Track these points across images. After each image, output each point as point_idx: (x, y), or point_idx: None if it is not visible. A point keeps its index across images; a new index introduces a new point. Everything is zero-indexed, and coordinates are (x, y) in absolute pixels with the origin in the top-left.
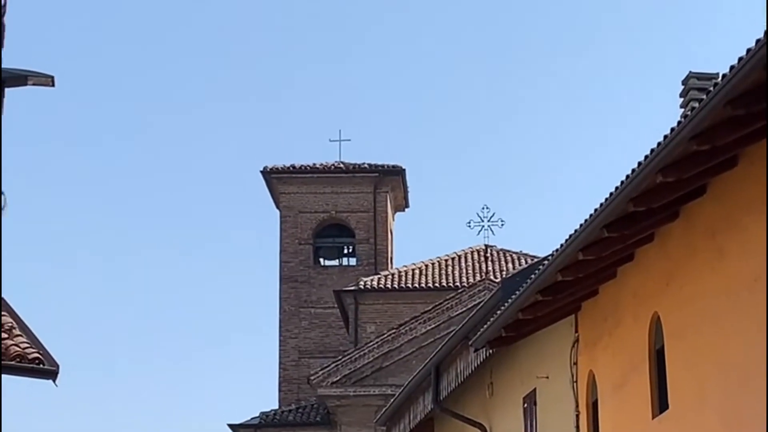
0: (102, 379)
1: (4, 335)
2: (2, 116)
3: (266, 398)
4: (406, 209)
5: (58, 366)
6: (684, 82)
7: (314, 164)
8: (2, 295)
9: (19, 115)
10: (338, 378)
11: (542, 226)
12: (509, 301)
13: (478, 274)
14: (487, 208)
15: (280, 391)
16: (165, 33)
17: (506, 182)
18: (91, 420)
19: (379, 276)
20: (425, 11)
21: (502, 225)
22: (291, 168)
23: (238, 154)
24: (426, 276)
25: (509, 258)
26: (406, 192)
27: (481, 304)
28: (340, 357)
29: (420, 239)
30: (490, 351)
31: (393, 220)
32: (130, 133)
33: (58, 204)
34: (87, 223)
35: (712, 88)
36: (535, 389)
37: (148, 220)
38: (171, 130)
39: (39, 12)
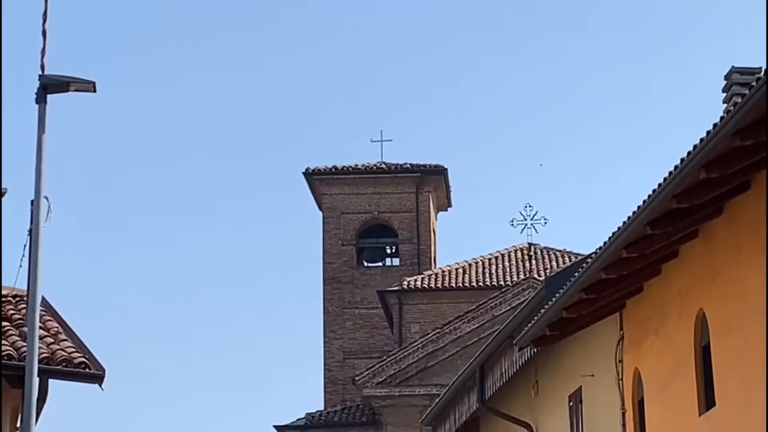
0: (148, 381)
1: (50, 340)
2: (46, 122)
3: (312, 399)
4: (449, 209)
5: (104, 370)
6: (727, 77)
7: (356, 165)
8: (49, 300)
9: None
10: (383, 378)
11: (585, 223)
12: (553, 299)
13: (521, 273)
14: (529, 206)
15: (325, 392)
16: (208, 36)
17: (549, 180)
18: (137, 421)
19: (422, 276)
20: (464, 10)
21: (545, 223)
22: (333, 169)
23: (281, 156)
24: (469, 275)
25: (553, 256)
26: (448, 191)
27: (525, 303)
28: (384, 357)
29: (463, 238)
30: (535, 350)
31: (436, 219)
32: (172, 138)
33: (103, 208)
34: (129, 226)
35: (754, 83)
36: (580, 388)
37: (192, 223)
38: (214, 134)
39: (80, 19)
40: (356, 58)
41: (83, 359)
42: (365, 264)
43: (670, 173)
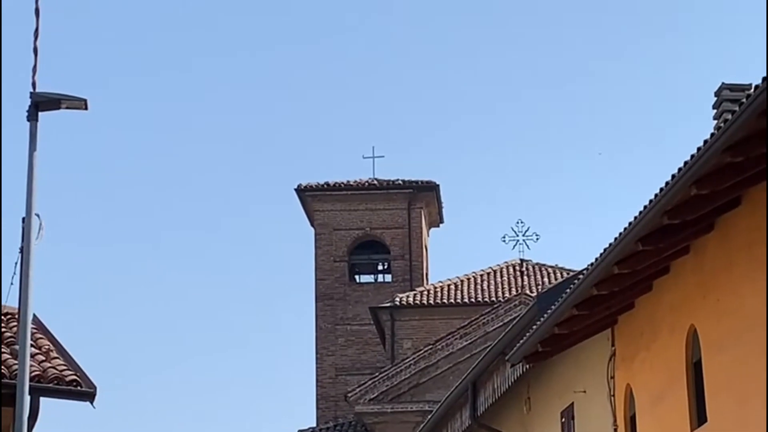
0: (138, 401)
1: (41, 358)
2: (37, 140)
3: (304, 416)
4: (441, 225)
5: (95, 387)
6: (717, 94)
7: (348, 181)
8: (40, 318)
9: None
10: (375, 395)
11: (577, 239)
12: (545, 315)
13: (513, 289)
14: (521, 222)
15: (317, 408)
16: (200, 52)
17: (540, 196)
18: None
19: (414, 292)
20: (458, 25)
21: (537, 239)
22: (325, 185)
23: (273, 172)
24: (461, 291)
25: (545, 272)
26: (440, 207)
27: (517, 319)
28: (377, 374)
29: (455, 255)
30: (527, 366)
31: (428, 235)
32: (164, 156)
33: (95, 225)
34: (121, 244)
35: (745, 99)
36: (572, 404)
37: (183, 240)
38: (205, 152)
39: (72, 36)
40: (348, 74)
41: (75, 377)
42: (357, 280)
43: (661, 189)
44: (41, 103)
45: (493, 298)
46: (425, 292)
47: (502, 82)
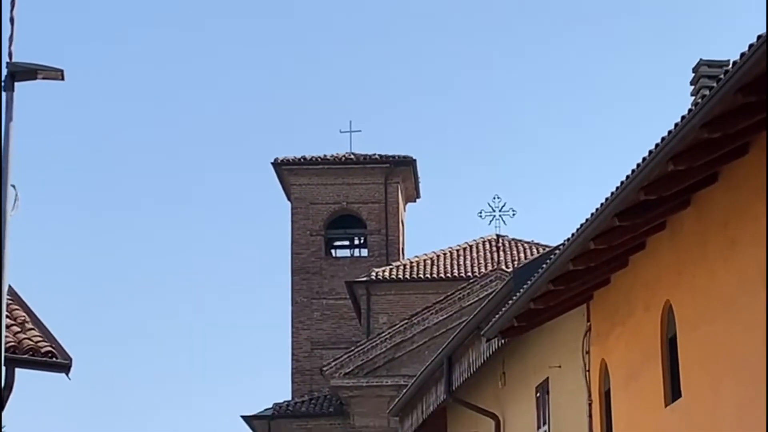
0: (113, 373)
1: (17, 329)
2: (13, 110)
3: (279, 390)
4: (418, 200)
5: (71, 359)
6: (695, 70)
7: (325, 155)
8: (16, 290)
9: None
10: (351, 369)
11: (554, 215)
12: (521, 290)
13: (489, 264)
14: (498, 197)
15: (293, 382)
16: (174, 25)
17: (517, 172)
18: (103, 413)
19: (390, 267)
20: (431, 1)
21: (514, 215)
22: (302, 159)
23: (249, 146)
24: (438, 266)
25: (521, 248)
26: (417, 182)
27: (493, 294)
28: (352, 348)
29: (431, 230)
30: (503, 341)
31: (404, 210)
32: (140, 126)
33: (68, 198)
34: (98, 215)
35: (722, 76)
36: (547, 379)
37: (159, 214)
38: (181, 124)
39: (49, 5)
40: (325, 48)
41: (50, 348)
42: (333, 254)
43: (638, 165)
44: (17, 74)
45: (469, 274)
46: (401, 267)
47: (477, 56)
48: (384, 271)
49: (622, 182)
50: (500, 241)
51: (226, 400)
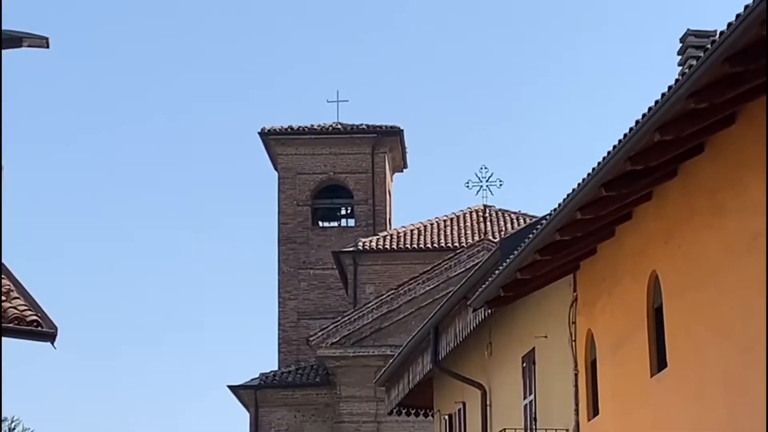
0: (100, 344)
1: (2, 298)
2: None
3: (266, 360)
4: (405, 170)
5: (56, 328)
6: (682, 40)
7: (312, 125)
8: (1, 259)
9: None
10: (337, 339)
11: (541, 185)
12: (507, 261)
13: (476, 235)
14: (485, 168)
15: (279, 352)
16: None
17: (504, 142)
18: (90, 383)
19: (377, 237)
20: None
21: (501, 185)
22: (289, 129)
23: (236, 115)
24: (424, 237)
25: (508, 218)
26: (404, 153)
27: (480, 265)
28: (339, 318)
29: (418, 200)
30: (489, 311)
31: (391, 180)
32: (126, 97)
33: (53, 166)
34: (83, 186)
35: (710, 46)
36: (533, 349)
37: (145, 184)
38: (168, 94)
39: None
40: (312, 17)
41: (35, 317)
42: (320, 225)
43: (625, 135)
44: (3, 41)
45: (456, 244)
46: (388, 237)
47: (466, 27)
48: (371, 241)
49: (608, 152)
50: (487, 211)
51: (212, 370)
